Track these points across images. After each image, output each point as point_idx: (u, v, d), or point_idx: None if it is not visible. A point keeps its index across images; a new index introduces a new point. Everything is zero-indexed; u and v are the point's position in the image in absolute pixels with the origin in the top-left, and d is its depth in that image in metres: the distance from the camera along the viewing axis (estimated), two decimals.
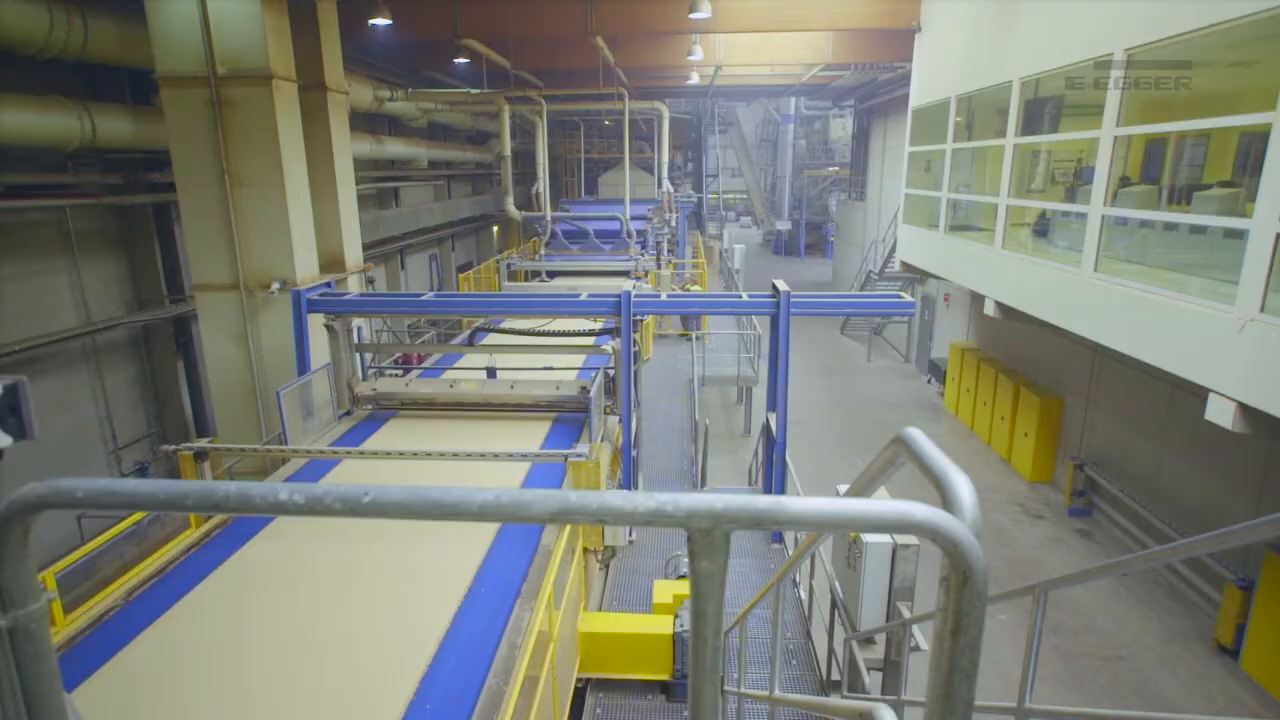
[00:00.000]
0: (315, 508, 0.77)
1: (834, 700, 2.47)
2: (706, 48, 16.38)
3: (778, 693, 2.66)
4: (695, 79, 20.44)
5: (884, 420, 15.86)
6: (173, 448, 5.70)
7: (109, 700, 3.73)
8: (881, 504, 0.74)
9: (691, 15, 11.38)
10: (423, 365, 10.39)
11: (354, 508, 0.77)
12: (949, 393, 16.44)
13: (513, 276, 15.76)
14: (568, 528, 4.94)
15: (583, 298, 7.42)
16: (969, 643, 0.77)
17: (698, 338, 14.54)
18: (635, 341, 7.45)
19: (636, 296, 7.07)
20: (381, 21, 11.13)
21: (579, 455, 5.52)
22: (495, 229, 26.86)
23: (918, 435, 0.95)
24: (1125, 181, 7.59)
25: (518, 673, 3.76)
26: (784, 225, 41.08)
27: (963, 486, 0.81)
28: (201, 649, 4.08)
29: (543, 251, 17.88)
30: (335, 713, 3.63)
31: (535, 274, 16.52)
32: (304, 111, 8.89)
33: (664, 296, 7.72)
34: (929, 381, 18.46)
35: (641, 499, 0.75)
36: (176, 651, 4.06)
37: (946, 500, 0.82)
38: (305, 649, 4.05)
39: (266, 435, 8.56)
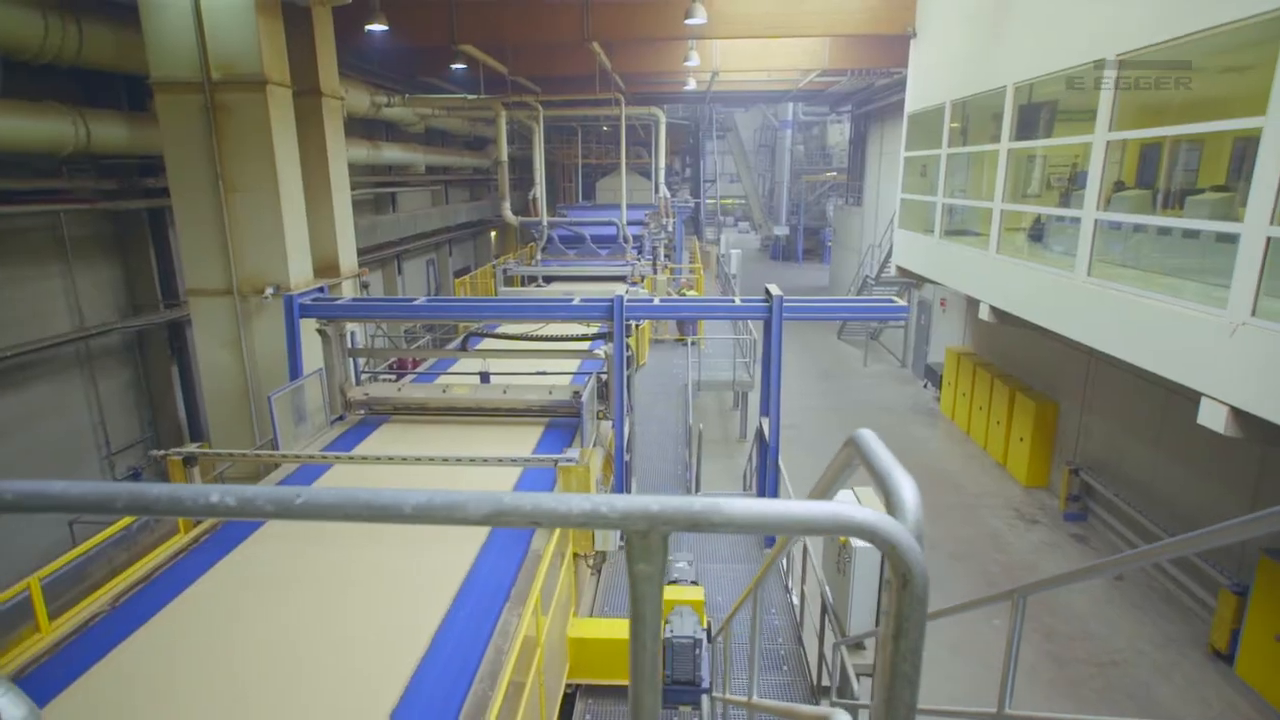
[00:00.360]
0: (246, 509, 0.76)
1: (798, 706, 2.46)
2: (703, 53, 16.41)
3: (755, 698, 2.64)
4: (692, 85, 20.49)
5: (880, 425, 15.76)
6: (162, 453, 5.69)
7: (99, 701, 3.71)
8: (820, 505, 0.74)
9: (687, 21, 11.42)
10: (417, 370, 10.38)
11: (286, 509, 0.76)
12: (945, 397, 16.44)
13: (509, 282, 15.77)
14: (556, 532, 4.93)
15: (575, 302, 7.41)
16: (910, 647, 0.76)
17: (693, 343, 14.53)
18: (628, 346, 7.44)
19: (629, 301, 7.06)
20: (378, 27, 11.15)
21: (569, 460, 5.51)
22: (493, 234, 26.88)
23: (869, 437, 0.94)
24: (1120, 186, 7.60)
25: (503, 678, 3.74)
26: (782, 230, 41.13)
27: (906, 488, 0.80)
28: (187, 653, 4.07)
29: (539, 257, 17.89)
30: (319, 717, 3.61)
31: (532, 279, 16.52)
32: (299, 117, 8.89)
33: (656, 301, 7.72)
34: (925, 386, 18.46)
35: (577, 501, 0.75)
36: (161, 656, 4.04)
37: (889, 502, 0.81)
38: (290, 653, 4.03)
39: (260, 440, 8.54)
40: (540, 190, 17.80)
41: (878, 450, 0.91)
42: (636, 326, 12.28)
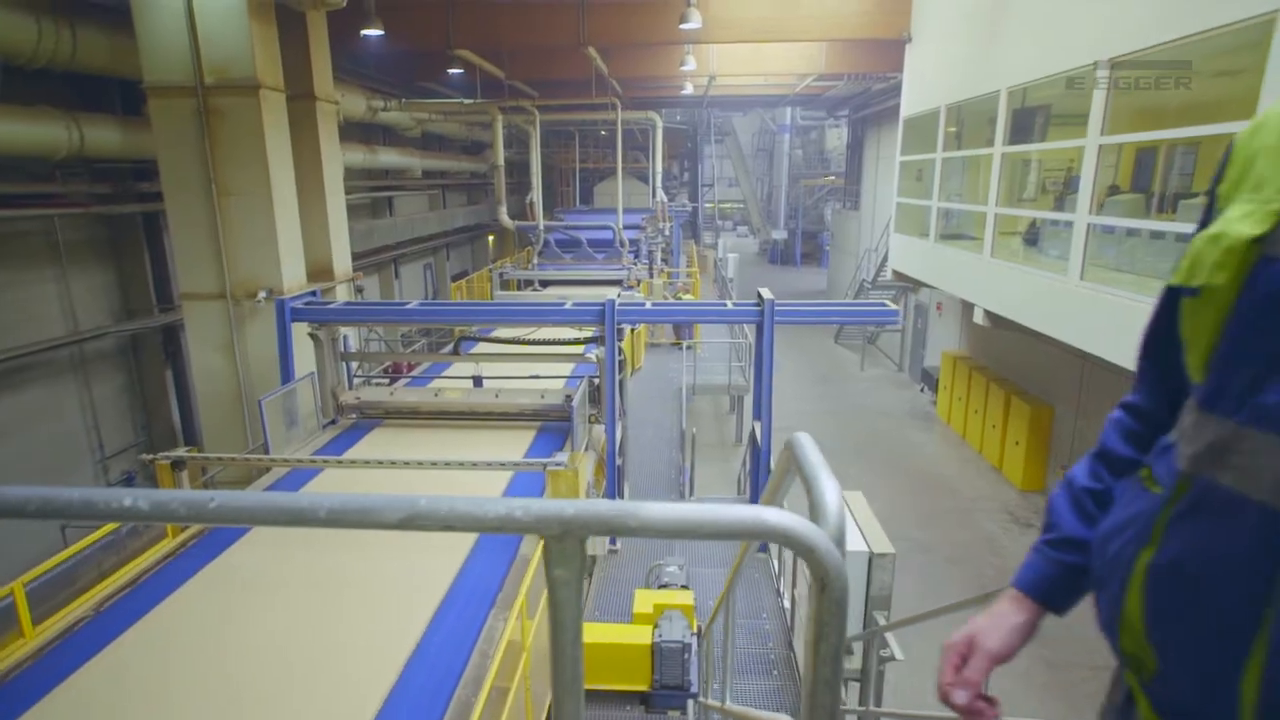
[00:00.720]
0: (159, 513, 0.75)
1: (753, 711, 2.46)
2: (699, 58, 16.45)
3: (728, 704, 2.64)
4: (689, 89, 20.53)
5: (877, 429, 15.84)
6: (150, 457, 5.68)
7: (80, 707, 3.70)
8: (736, 509, 0.73)
9: (682, 26, 11.44)
10: (411, 374, 10.38)
11: (200, 513, 0.76)
12: (941, 401, 16.42)
13: (505, 286, 15.77)
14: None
15: (567, 306, 7.41)
16: (829, 652, 0.75)
17: (689, 347, 14.52)
18: (620, 350, 7.44)
19: (620, 305, 7.07)
20: (373, 32, 11.16)
21: (557, 464, 5.50)
22: (490, 238, 26.91)
23: (803, 440, 0.93)
24: (1114, 190, 7.61)
25: (486, 683, 3.73)
26: (780, 234, 41.15)
27: (829, 491, 0.80)
28: (169, 658, 4.05)
29: (536, 261, 17.88)
30: None
31: (528, 283, 16.52)
32: (293, 121, 8.89)
33: (649, 305, 7.71)
34: (922, 390, 18.45)
35: (492, 505, 0.74)
36: (142, 660, 4.03)
37: (812, 505, 0.80)
38: (274, 659, 4.02)
39: (252, 444, 8.53)
40: (537, 195, 17.81)
41: (809, 454, 0.90)
42: (632, 330, 12.27)
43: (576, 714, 0.79)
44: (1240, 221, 0.84)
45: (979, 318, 9.82)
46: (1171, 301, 0.97)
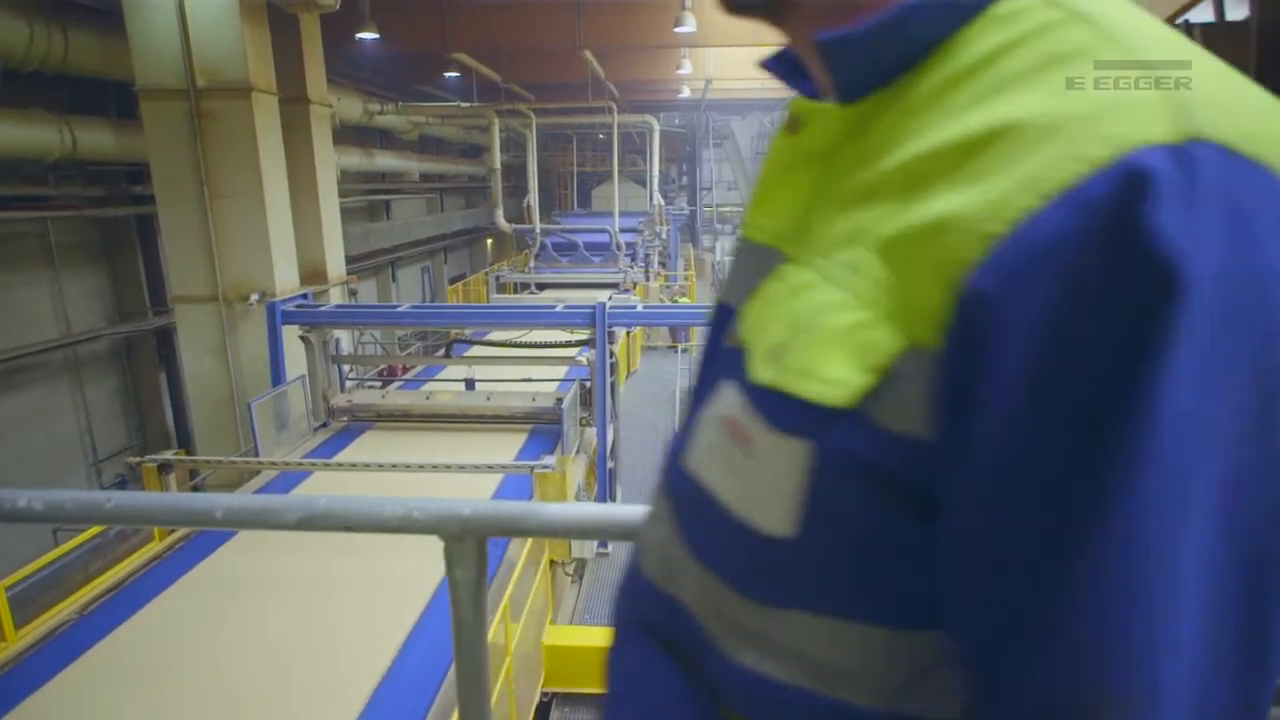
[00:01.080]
0: (55, 514, 0.75)
1: None
2: (696, 61, 16.46)
3: None
4: (687, 92, 20.54)
5: None
6: (137, 459, 5.68)
7: (60, 710, 3.70)
8: (636, 509, 0.72)
9: (676, 29, 11.46)
10: (404, 377, 10.37)
11: (94, 514, 0.75)
12: None
13: (502, 289, 15.76)
14: (530, 539, 4.91)
15: (558, 309, 7.42)
16: None
17: (685, 350, 14.51)
18: (611, 353, 7.43)
19: (611, 308, 7.07)
20: (368, 35, 11.16)
21: (545, 467, 5.50)
22: (489, 241, 26.91)
23: None
24: None
25: None
26: None
27: None
28: (150, 660, 4.05)
29: (532, 264, 17.88)
30: None
31: (525, 286, 16.52)
32: (287, 124, 8.89)
33: (640, 307, 7.72)
34: None
35: (390, 505, 0.73)
36: (123, 664, 4.03)
37: None
38: (252, 664, 4.01)
39: (244, 447, 8.51)
40: (533, 198, 17.82)
41: None
42: (628, 333, 12.26)
43: (481, 714, 0.78)
44: None
45: None
46: None
